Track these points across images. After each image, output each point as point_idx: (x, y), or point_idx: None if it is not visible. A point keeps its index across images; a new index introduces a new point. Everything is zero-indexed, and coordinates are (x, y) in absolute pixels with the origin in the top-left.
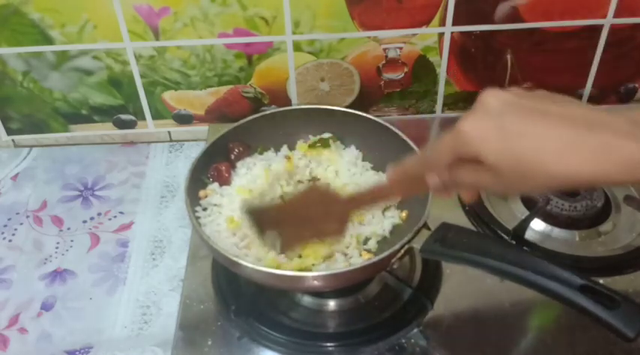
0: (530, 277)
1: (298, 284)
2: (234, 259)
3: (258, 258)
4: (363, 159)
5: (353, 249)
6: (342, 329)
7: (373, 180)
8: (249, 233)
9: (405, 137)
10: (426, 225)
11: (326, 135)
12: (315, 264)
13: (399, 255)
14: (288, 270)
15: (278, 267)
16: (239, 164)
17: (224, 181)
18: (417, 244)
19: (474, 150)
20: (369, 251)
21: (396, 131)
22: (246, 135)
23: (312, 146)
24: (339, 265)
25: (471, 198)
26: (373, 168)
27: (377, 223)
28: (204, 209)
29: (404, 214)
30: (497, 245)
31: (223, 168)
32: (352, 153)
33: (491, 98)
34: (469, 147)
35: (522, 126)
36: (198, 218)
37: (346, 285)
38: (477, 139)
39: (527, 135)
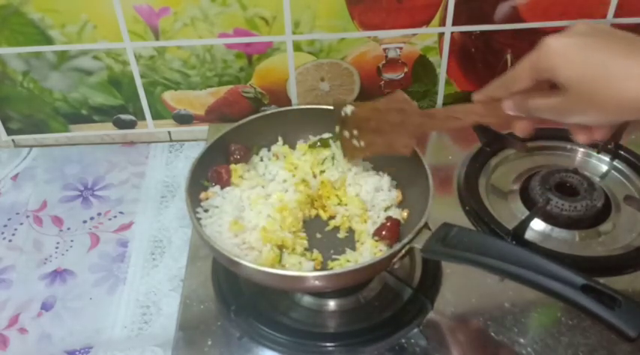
0: (532, 277)
1: (299, 285)
2: (235, 259)
3: (259, 259)
4: (363, 159)
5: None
6: (342, 329)
7: (373, 180)
8: (250, 238)
9: None
10: (426, 225)
11: (326, 136)
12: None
13: (400, 254)
14: (288, 270)
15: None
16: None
17: (224, 183)
18: (417, 244)
19: (554, 63)
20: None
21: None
22: (247, 135)
23: (312, 146)
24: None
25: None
26: (373, 168)
27: (378, 223)
28: (206, 210)
29: (405, 214)
30: (499, 244)
31: (223, 170)
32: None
33: (582, 24)
34: (548, 61)
35: (604, 52)
36: (199, 219)
37: (347, 285)
38: (557, 52)
39: (607, 60)
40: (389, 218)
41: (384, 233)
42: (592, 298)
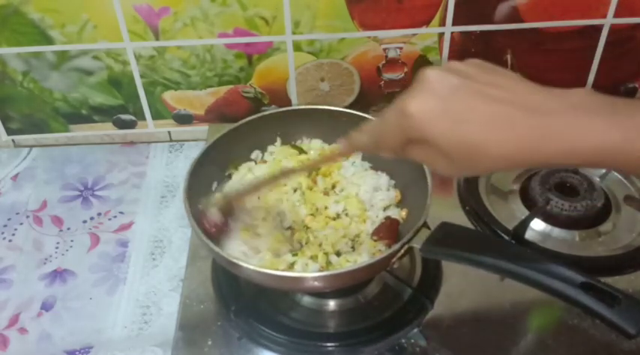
0: (532, 275)
1: (298, 285)
2: (234, 260)
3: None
4: (362, 159)
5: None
6: (342, 329)
7: (372, 180)
8: (260, 246)
9: None
10: (425, 225)
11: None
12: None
13: (400, 254)
14: (287, 271)
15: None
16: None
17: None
18: (417, 244)
19: (423, 135)
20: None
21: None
22: (246, 135)
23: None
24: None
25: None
26: (372, 168)
27: (377, 222)
28: None
29: (403, 213)
30: (498, 244)
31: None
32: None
33: (435, 78)
34: (417, 132)
35: (467, 110)
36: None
37: (347, 285)
38: (424, 123)
39: (472, 119)
40: (387, 218)
41: (382, 233)
42: (591, 296)
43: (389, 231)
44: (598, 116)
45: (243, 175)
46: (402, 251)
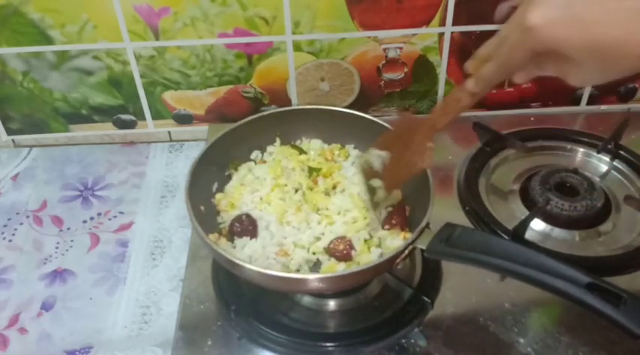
0: (537, 275)
1: (300, 287)
2: (234, 260)
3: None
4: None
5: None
6: (342, 329)
7: (372, 180)
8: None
9: None
10: (427, 225)
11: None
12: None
13: (404, 255)
14: (288, 272)
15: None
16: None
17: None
18: (421, 245)
19: (553, 47)
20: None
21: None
22: (246, 135)
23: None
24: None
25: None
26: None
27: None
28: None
29: (406, 212)
30: (503, 244)
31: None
32: (351, 152)
33: None
34: (546, 45)
35: (595, 9)
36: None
37: (349, 287)
38: (553, 35)
39: (604, 18)
40: (394, 205)
41: (393, 221)
42: (597, 296)
43: (398, 216)
44: None
45: (243, 176)
46: (407, 251)
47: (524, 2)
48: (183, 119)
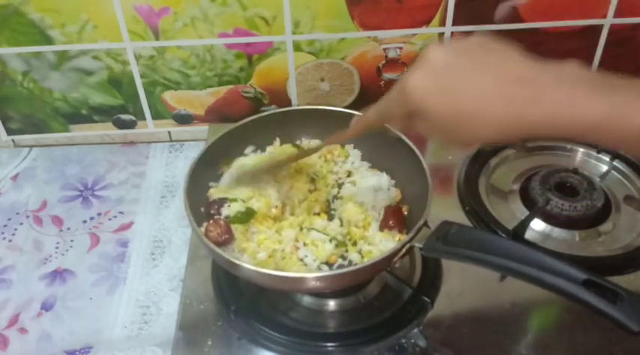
0: (534, 273)
1: (299, 286)
2: (234, 261)
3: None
4: (362, 159)
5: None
6: (342, 329)
7: (372, 180)
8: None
9: (402, 136)
10: (426, 224)
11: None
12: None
13: (401, 254)
14: (288, 272)
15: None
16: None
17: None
18: (418, 243)
19: (420, 107)
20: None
21: (393, 130)
22: (246, 135)
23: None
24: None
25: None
26: (371, 167)
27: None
28: None
29: (404, 210)
30: (500, 242)
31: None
32: (351, 152)
33: (434, 54)
34: (415, 105)
35: (459, 79)
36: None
37: (348, 286)
38: (420, 97)
39: (463, 87)
40: (388, 207)
41: (390, 222)
42: (594, 293)
43: (395, 217)
44: (587, 89)
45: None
46: (404, 250)
47: (412, 65)
48: (183, 119)
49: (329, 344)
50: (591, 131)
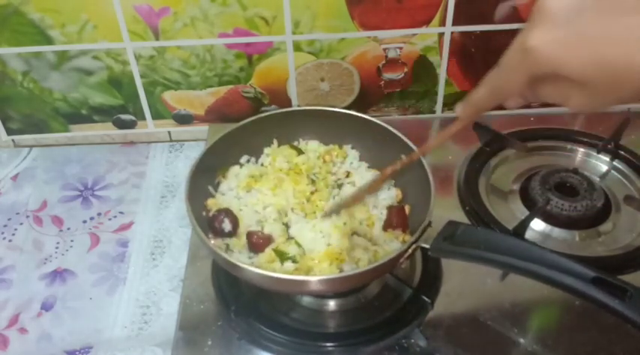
0: (543, 271)
1: (301, 288)
2: (235, 262)
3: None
4: (360, 159)
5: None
6: (342, 329)
7: (371, 178)
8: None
9: (401, 136)
10: (430, 224)
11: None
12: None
13: (407, 255)
14: (289, 274)
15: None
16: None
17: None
18: (424, 244)
19: (554, 68)
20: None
21: (393, 130)
22: (247, 136)
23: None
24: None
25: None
26: (370, 168)
27: (382, 220)
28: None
29: (406, 210)
30: (507, 241)
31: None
32: (349, 152)
33: (554, 2)
34: (547, 66)
35: (601, 30)
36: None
37: (353, 288)
38: (553, 55)
39: (611, 38)
40: (390, 207)
41: (394, 222)
42: (603, 290)
43: (398, 217)
44: None
45: (233, 177)
46: (410, 251)
47: (528, 21)
48: (183, 119)
49: (329, 344)
50: None
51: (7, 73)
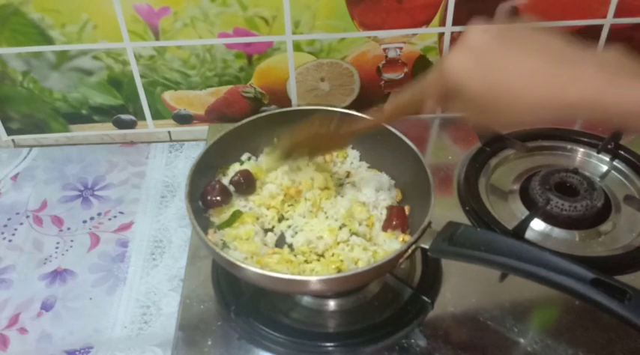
0: (542, 273)
1: (302, 288)
2: (235, 262)
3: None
4: (360, 159)
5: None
6: (342, 329)
7: (373, 181)
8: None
9: (401, 136)
10: (429, 225)
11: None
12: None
13: (407, 255)
14: (289, 274)
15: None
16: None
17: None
18: (424, 244)
19: (457, 83)
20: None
21: (393, 130)
22: (246, 136)
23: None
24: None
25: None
26: (370, 168)
27: (382, 220)
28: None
29: (406, 210)
30: (507, 242)
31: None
32: (349, 152)
33: (475, 34)
34: (453, 82)
35: (500, 59)
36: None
37: (352, 288)
38: (458, 73)
39: (504, 66)
40: (390, 207)
41: (394, 222)
42: (602, 292)
43: (398, 218)
44: (630, 74)
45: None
46: (410, 251)
47: (453, 45)
48: (183, 119)
49: (329, 344)
50: (631, 116)
51: (7, 73)
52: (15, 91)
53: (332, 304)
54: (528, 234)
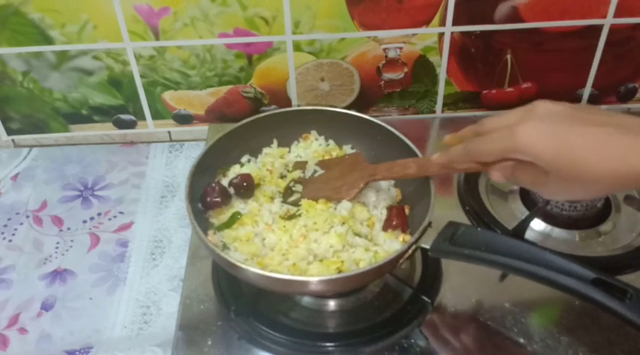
0: (543, 272)
1: (302, 289)
2: (235, 262)
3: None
4: None
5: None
6: (342, 329)
7: (373, 182)
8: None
9: (401, 136)
10: (430, 225)
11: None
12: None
13: (407, 255)
14: (289, 274)
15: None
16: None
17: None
18: (424, 244)
19: (531, 154)
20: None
21: (393, 130)
22: (244, 137)
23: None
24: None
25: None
26: None
27: (382, 220)
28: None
29: (406, 209)
30: (508, 242)
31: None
32: (348, 152)
33: (545, 105)
34: (527, 150)
35: (570, 131)
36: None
37: (353, 288)
38: (534, 141)
39: (576, 139)
40: (390, 207)
41: (394, 222)
42: (603, 291)
43: (398, 218)
44: None
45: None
46: (410, 251)
47: (520, 110)
48: (183, 119)
49: (329, 344)
50: None
51: (7, 73)
52: (15, 91)
53: (332, 304)
54: (528, 234)
